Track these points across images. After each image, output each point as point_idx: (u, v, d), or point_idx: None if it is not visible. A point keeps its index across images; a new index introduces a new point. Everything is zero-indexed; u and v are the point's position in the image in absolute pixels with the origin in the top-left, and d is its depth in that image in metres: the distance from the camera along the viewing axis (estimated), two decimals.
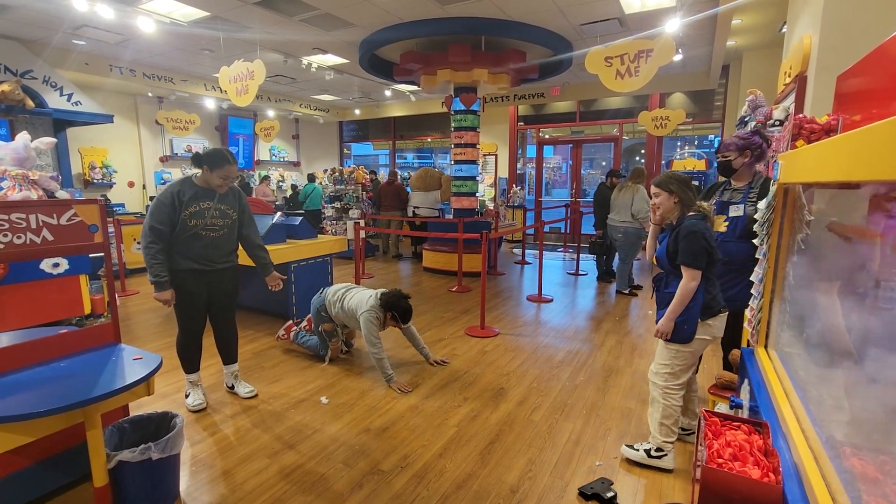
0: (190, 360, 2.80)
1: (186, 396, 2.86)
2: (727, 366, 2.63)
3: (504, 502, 2.02)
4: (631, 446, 2.31)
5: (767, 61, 6.62)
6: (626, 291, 5.57)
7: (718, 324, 2.10)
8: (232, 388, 2.99)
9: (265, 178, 10.09)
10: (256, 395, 2.96)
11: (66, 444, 2.04)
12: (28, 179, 3.12)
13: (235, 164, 2.56)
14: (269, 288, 2.93)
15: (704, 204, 2.12)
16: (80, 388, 1.63)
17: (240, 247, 2.87)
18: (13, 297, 3.25)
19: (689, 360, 2.14)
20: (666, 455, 2.20)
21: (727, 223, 2.49)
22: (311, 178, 10.28)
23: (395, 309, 3.14)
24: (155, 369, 1.82)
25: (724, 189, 2.62)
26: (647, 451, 2.24)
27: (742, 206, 2.46)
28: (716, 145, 8.82)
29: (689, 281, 2.02)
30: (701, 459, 1.44)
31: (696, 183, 5.44)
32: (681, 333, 2.07)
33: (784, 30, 4.84)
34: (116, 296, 2.49)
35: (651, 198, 2.22)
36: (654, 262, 2.28)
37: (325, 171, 9.90)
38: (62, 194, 3.57)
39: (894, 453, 0.88)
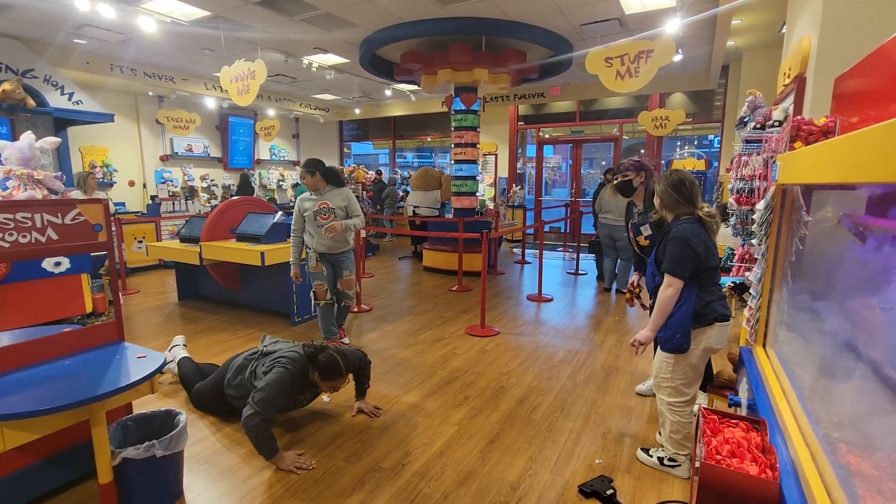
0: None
1: None
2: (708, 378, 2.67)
3: (505, 499, 2.04)
4: (646, 451, 2.29)
5: (767, 62, 6.64)
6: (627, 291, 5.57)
7: (715, 333, 1.98)
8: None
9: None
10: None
11: (71, 442, 2.05)
12: (33, 179, 3.13)
13: (348, 375, 2.47)
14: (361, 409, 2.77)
15: (706, 207, 2.02)
16: (86, 386, 1.65)
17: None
18: (15, 295, 3.26)
19: (689, 374, 2.04)
20: (679, 465, 2.17)
21: (648, 240, 2.75)
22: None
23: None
24: (159, 368, 1.83)
25: (633, 211, 2.91)
26: (661, 460, 2.21)
27: (649, 226, 2.69)
28: (716, 145, 8.86)
29: (665, 287, 1.95)
30: (699, 456, 1.45)
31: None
32: (673, 343, 2.01)
33: (784, 30, 4.86)
34: (120, 294, 2.50)
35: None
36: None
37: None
38: (76, 194, 3.57)
39: (889, 450, 0.90)
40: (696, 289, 1.98)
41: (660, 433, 2.50)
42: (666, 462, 2.20)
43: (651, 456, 2.26)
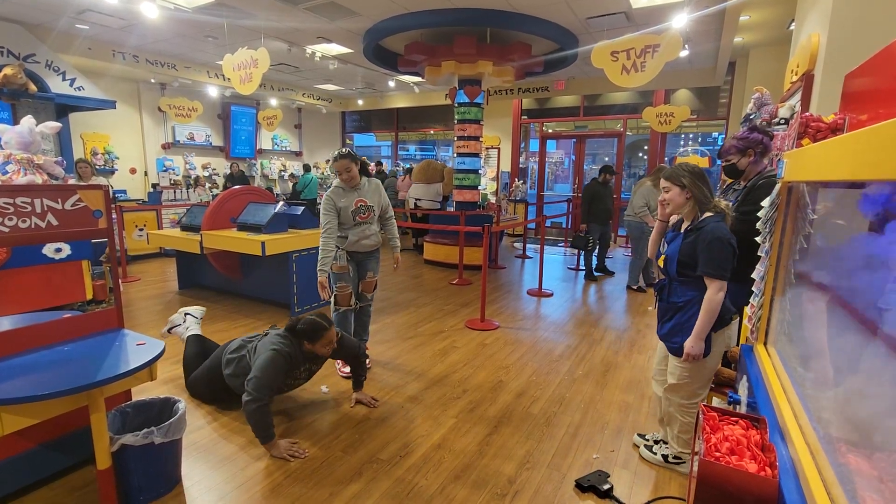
0: None
1: None
2: (724, 363, 2.65)
3: (502, 492, 2.04)
4: (650, 448, 2.28)
5: (774, 59, 6.59)
6: (636, 287, 5.56)
7: (731, 332, 2.01)
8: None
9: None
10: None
11: (70, 427, 2.06)
12: (33, 164, 3.12)
13: (332, 326, 2.49)
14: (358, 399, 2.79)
15: (722, 203, 1.96)
16: (85, 372, 1.65)
17: None
18: (15, 281, 3.26)
19: (706, 376, 2.03)
20: (684, 462, 2.17)
21: None
22: (307, 168, 10.36)
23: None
24: (158, 355, 1.83)
25: (730, 188, 2.62)
26: (665, 457, 2.21)
27: (731, 204, 2.41)
28: (720, 142, 8.81)
29: (716, 292, 1.86)
30: (699, 453, 1.45)
31: None
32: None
33: (792, 27, 4.81)
34: (120, 282, 2.49)
35: (661, 192, 2.08)
36: (660, 265, 2.11)
37: (328, 161, 9.90)
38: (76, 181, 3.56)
39: (889, 450, 0.90)
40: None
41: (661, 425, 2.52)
42: (671, 459, 2.20)
43: (655, 454, 2.25)
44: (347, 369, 3.18)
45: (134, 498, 1.90)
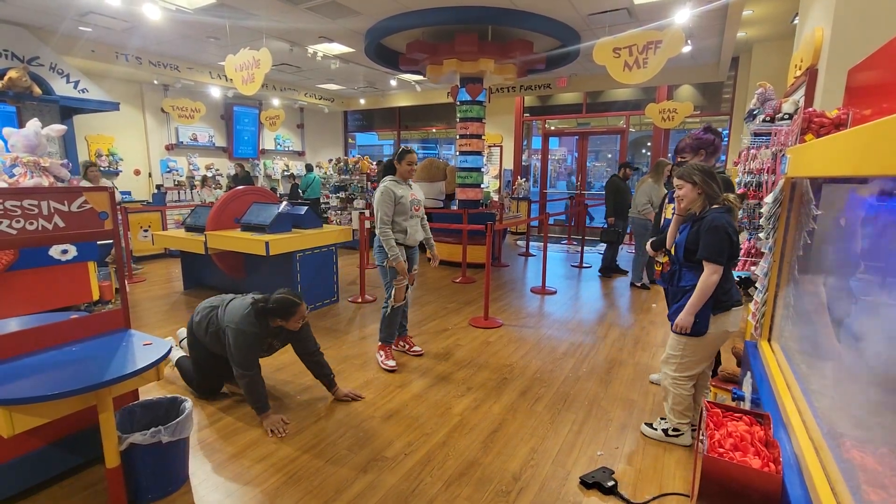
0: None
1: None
2: (717, 363, 2.67)
3: (506, 489, 2.05)
4: (650, 425, 2.42)
5: (778, 53, 6.55)
6: (639, 284, 5.55)
7: (732, 319, 2.10)
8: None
9: None
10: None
11: (79, 427, 2.08)
12: (39, 166, 3.14)
13: (303, 303, 2.53)
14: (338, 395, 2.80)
15: (731, 196, 2.10)
16: (94, 372, 1.66)
17: None
18: (23, 282, 3.29)
19: (700, 354, 2.16)
20: (682, 434, 2.32)
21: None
22: (310, 168, 10.40)
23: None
24: (164, 355, 1.85)
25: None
26: (665, 431, 2.35)
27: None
28: (724, 139, 8.77)
29: (710, 275, 2.01)
30: (702, 449, 1.45)
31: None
32: (693, 327, 2.10)
33: (796, 21, 4.78)
34: (126, 282, 2.50)
35: (675, 189, 2.25)
36: (663, 254, 2.34)
37: (330, 160, 9.94)
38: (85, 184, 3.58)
39: (893, 445, 0.90)
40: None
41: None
42: (670, 432, 2.33)
43: (655, 429, 2.38)
44: (392, 363, 3.27)
45: (142, 496, 1.92)
